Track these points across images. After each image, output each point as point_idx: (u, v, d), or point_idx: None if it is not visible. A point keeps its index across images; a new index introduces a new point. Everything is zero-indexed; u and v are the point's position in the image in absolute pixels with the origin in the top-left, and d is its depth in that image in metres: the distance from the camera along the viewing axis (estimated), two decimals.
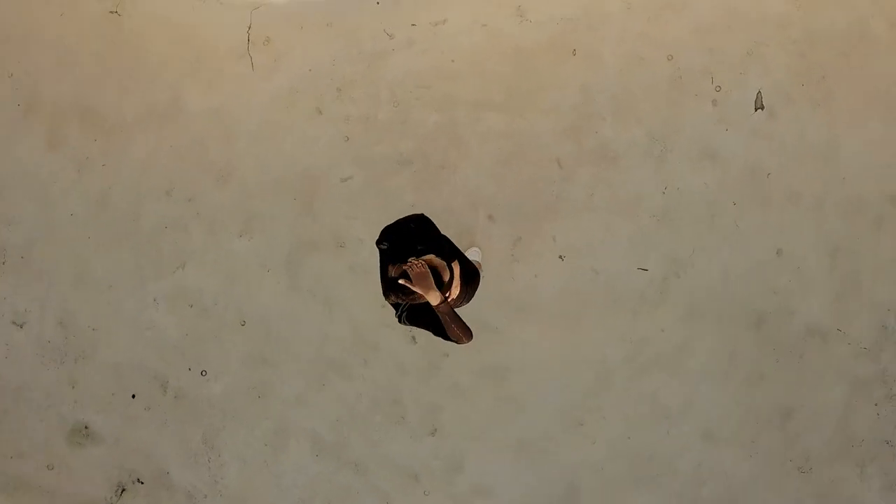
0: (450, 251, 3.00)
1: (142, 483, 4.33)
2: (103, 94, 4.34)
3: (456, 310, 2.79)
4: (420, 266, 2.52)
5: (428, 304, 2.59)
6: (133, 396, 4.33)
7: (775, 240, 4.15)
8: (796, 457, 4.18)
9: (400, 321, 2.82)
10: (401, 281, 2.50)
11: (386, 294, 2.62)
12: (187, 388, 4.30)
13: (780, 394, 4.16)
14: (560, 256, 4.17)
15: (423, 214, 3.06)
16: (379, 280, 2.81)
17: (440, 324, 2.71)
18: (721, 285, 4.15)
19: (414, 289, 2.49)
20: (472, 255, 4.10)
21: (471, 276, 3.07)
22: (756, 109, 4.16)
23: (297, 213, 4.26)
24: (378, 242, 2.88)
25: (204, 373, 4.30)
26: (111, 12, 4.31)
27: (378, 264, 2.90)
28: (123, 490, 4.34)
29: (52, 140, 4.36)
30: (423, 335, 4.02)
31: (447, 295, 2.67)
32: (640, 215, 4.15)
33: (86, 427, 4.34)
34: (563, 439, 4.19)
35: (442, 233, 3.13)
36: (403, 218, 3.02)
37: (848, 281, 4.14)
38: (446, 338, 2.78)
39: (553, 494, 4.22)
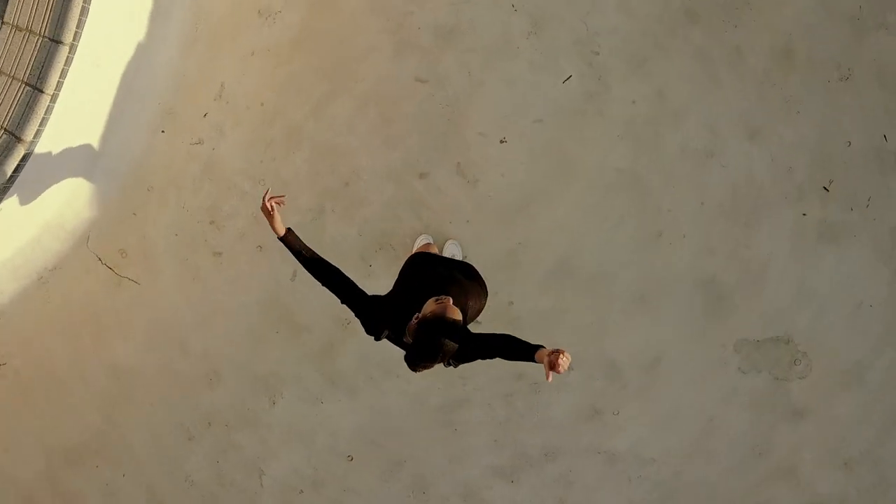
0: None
1: None
2: (59, 437, 4.08)
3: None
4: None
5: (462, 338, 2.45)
6: None
7: None
8: (829, 70, 3.82)
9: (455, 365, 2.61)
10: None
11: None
12: None
13: (767, 47, 3.80)
14: (501, 141, 3.84)
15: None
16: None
17: (481, 344, 2.53)
18: (633, 25, 3.78)
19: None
20: (452, 248, 3.81)
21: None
22: None
23: (292, 338, 3.95)
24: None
25: None
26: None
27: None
28: None
29: None
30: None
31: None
32: (519, 46, 3.81)
33: None
34: (663, 259, 3.86)
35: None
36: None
37: None
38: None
39: (700, 305, 3.90)
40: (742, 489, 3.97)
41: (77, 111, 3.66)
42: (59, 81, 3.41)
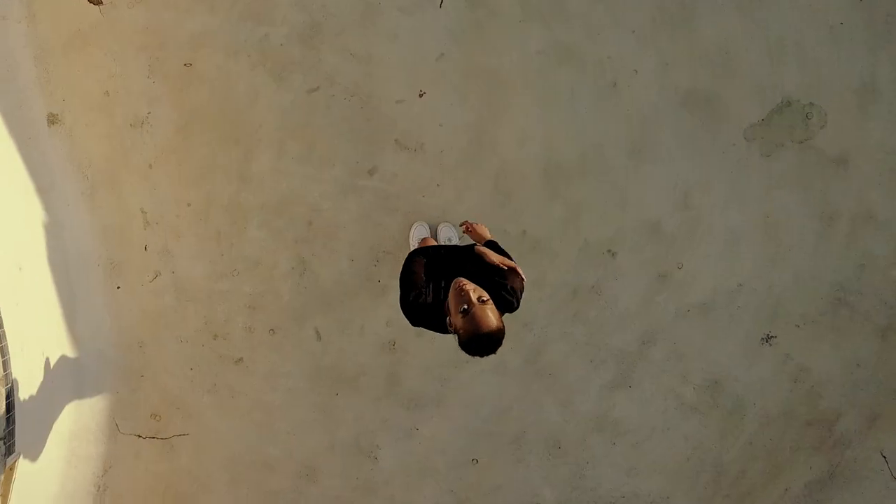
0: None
1: None
2: None
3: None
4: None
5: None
6: None
7: None
8: None
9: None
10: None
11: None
12: None
13: None
14: (420, 95, 3.62)
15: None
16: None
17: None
18: None
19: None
20: (446, 231, 3.62)
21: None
22: None
23: (353, 391, 3.76)
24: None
25: None
26: None
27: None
28: None
29: None
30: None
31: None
32: (380, 2, 3.59)
33: None
34: (632, 102, 3.66)
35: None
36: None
37: None
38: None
39: (692, 122, 3.71)
40: (834, 260, 3.78)
41: (30, 322, 3.45)
42: None
